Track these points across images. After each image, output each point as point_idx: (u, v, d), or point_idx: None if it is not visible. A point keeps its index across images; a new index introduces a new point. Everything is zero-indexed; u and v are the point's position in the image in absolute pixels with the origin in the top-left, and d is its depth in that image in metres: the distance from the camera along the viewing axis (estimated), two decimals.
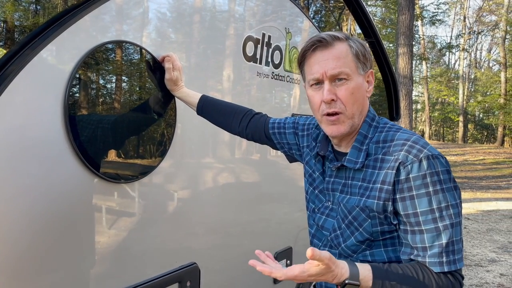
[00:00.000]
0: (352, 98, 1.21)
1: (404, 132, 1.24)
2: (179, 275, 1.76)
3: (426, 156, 1.14)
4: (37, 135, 1.28)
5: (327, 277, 1.07)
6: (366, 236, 1.23)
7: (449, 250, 1.13)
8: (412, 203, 1.14)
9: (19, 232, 1.25)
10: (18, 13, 1.36)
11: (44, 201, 1.30)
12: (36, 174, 1.28)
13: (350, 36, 1.25)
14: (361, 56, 1.23)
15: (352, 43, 1.23)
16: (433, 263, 1.13)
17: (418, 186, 1.13)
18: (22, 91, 1.24)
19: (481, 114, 35.73)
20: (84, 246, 1.46)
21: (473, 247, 6.37)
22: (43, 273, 1.32)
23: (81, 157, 1.38)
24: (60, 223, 1.36)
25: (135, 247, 1.63)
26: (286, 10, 2.67)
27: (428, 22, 26.98)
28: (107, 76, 1.55)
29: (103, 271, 1.52)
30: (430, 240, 1.13)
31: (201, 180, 1.99)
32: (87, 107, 1.46)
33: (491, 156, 20.70)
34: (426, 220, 1.13)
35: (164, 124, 1.74)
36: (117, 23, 1.56)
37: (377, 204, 1.18)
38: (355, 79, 1.22)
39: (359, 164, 1.24)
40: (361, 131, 1.26)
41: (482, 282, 4.92)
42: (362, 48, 1.24)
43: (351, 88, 1.21)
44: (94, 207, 1.48)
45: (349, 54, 1.22)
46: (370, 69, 1.27)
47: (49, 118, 1.31)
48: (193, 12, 1.94)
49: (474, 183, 13.97)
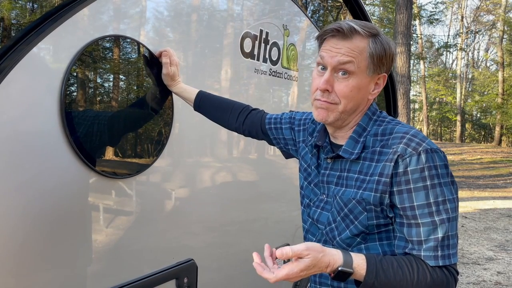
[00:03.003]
0: (349, 96, 1.19)
1: (403, 126, 1.23)
2: (176, 271, 1.75)
3: (425, 149, 1.14)
4: (33, 130, 1.27)
5: (321, 267, 1.07)
6: (361, 229, 1.22)
7: (444, 244, 1.13)
8: (409, 196, 1.14)
9: (14, 228, 1.24)
10: (15, 11, 1.35)
11: (39, 196, 1.30)
12: (32, 169, 1.27)
13: (379, 35, 1.20)
14: (377, 58, 1.19)
15: (373, 43, 1.19)
16: (428, 256, 1.13)
17: (416, 179, 1.13)
18: (17, 86, 1.23)
19: (479, 114, 35.81)
20: (80, 242, 1.45)
21: (471, 245, 6.38)
22: (39, 270, 1.31)
23: (77, 151, 1.37)
24: (55, 219, 1.35)
25: (132, 243, 1.63)
26: (284, 8, 2.67)
27: (426, 21, 27.03)
28: (103, 71, 1.55)
29: (100, 268, 1.51)
30: (426, 234, 1.13)
31: (198, 177, 1.98)
32: (83, 101, 1.45)
33: (488, 156, 20.74)
34: (422, 213, 1.13)
35: (161, 120, 1.74)
36: (114, 18, 1.56)
37: (374, 196, 1.18)
38: (359, 78, 1.19)
39: (354, 155, 1.23)
40: (360, 123, 1.26)
41: (480, 280, 4.93)
42: (382, 52, 1.19)
43: (351, 85, 1.18)
44: (90, 202, 1.47)
45: (364, 52, 1.18)
46: (384, 73, 1.23)
47: (45, 112, 1.30)
48: (190, 8, 1.93)
49: (472, 182, 13.99)
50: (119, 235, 1.58)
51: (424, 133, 31.99)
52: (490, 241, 6.60)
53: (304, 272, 1.06)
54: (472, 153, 21.74)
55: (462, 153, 21.92)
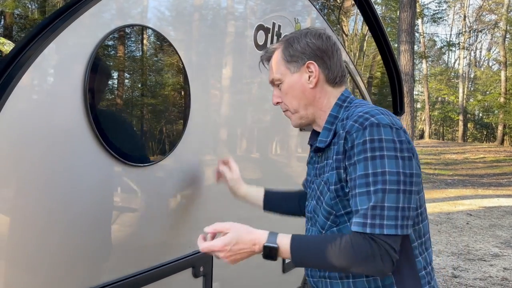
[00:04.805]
0: (289, 97, 1.35)
1: (367, 107, 1.24)
2: (193, 260, 1.77)
3: (370, 123, 1.14)
4: (57, 117, 1.29)
5: (246, 243, 1.20)
6: (328, 209, 1.26)
7: (376, 213, 1.10)
8: (354, 168, 1.16)
9: (39, 217, 1.26)
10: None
11: (64, 183, 1.31)
12: (57, 157, 1.29)
13: (289, 39, 1.35)
14: (289, 56, 1.33)
15: (284, 49, 1.34)
16: (355, 223, 1.13)
17: (359, 151, 1.14)
18: (41, 74, 1.25)
19: (481, 113, 35.74)
20: (102, 231, 1.47)
21: (476, 242, 6.39)
22: (71, 258, 1.33)
23: (100, 140, 1.39)
24: (79, 206, 1.36)
25: (151, 231, 1.64)
26: (295, 1, 2.69)
27: (429, 20, 26.99)
28: (125, 61, 1.56)
29: (120, 255, 1.52)
30: (359, 204, 1.13)
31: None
32: (106, 89, 1.47)
33: (491, 155, 20.72)
34: (359, 183, 1.13)
35: (178, 108, 1.75)
36: (137, 7, 1.57)
37: (331, 174, 1.23)
38: (287, 80, 1.34)
39: (327, 143, 1.29)
40: (331, 113, 1.32)
41: (486, 276, 4.94)
42: (289, 48, 1.33)
43: (284, 89, 1.35)
44: (114, 190, 1.49)
45: (279, 59, 1.35)
46: (308, 61, 1.31)
47: (69, 101, 1.32)
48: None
49: (476, 180, 13.99)
50: (138, 224, 1.60)
51: (426, 132, 31.58)
52: (495, 238, 6.60)
53: (228, 246, 1.20)
54: (475, 152, 21.72)
55: (465, 152, 21.90)
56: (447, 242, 6.36)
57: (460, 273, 5.03)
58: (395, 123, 1.17)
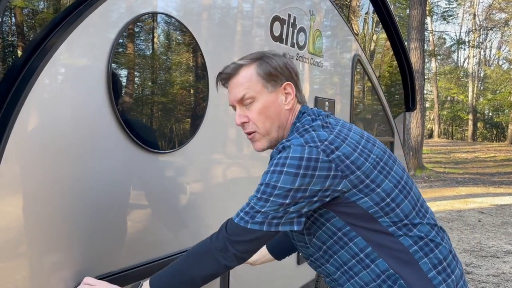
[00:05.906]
0: (262, 117, 1.27)
1: (300, 137, 1.20)
2: None
3: (282, 146, 1.19)
4: (81, 104, 1.31)
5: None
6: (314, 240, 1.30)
7: (243, 209, 1.19)
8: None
9: (66, 200, 1.28)
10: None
11: (89, 170, 1.33)
12: (82, 143, 1.31)
13: (264, 57, 1.28)
14: (267, 75, 1.26)
15: (260, 65, 1.27)
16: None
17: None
18: (65, 61, 1.26)
19: (491, 112, 35.41)
20: (127, 216, 1.49)
21: (489, 239, 6.34)
22: (101, 241, 1.35)
23: (124, 127, 1.41)
24: (105, 193, 1.38)
25: (174, 218, 1.66)
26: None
27: (439, 18, 26.81)
28: (148, 48, 1.58)
29: (149, 239, 1.54)
30: None
31: (239, 156, 2.01)
32: (130, 76, 1.48)
33: (502, 154, 20.54)
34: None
35: (200, 95, 1.77)
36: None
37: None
38: (263, 99, 1.26)
39: None
40: (289, 134, 1.29)
41: (499, 272, 4.91)
42: (269, 68, 1.27)
43: (258, 108, 1.26)
44: (138, 177, 1.51)
45: (253, 77, 1.26)
46: (286, 82, 1.28)
47: (93, 88, 1.34)
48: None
49: (487, 178, 13.88)
50: (159, 211, 1.61)
51: (436, 132, 31.23)
52: (508, 236, 6.55)
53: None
54: (485, 151, 21.55)
55: (475, 151, 21.74)
56: (459, 239, 6.32)
57: (473, 269, 5.00)
58: (307, 143, 1.16)
